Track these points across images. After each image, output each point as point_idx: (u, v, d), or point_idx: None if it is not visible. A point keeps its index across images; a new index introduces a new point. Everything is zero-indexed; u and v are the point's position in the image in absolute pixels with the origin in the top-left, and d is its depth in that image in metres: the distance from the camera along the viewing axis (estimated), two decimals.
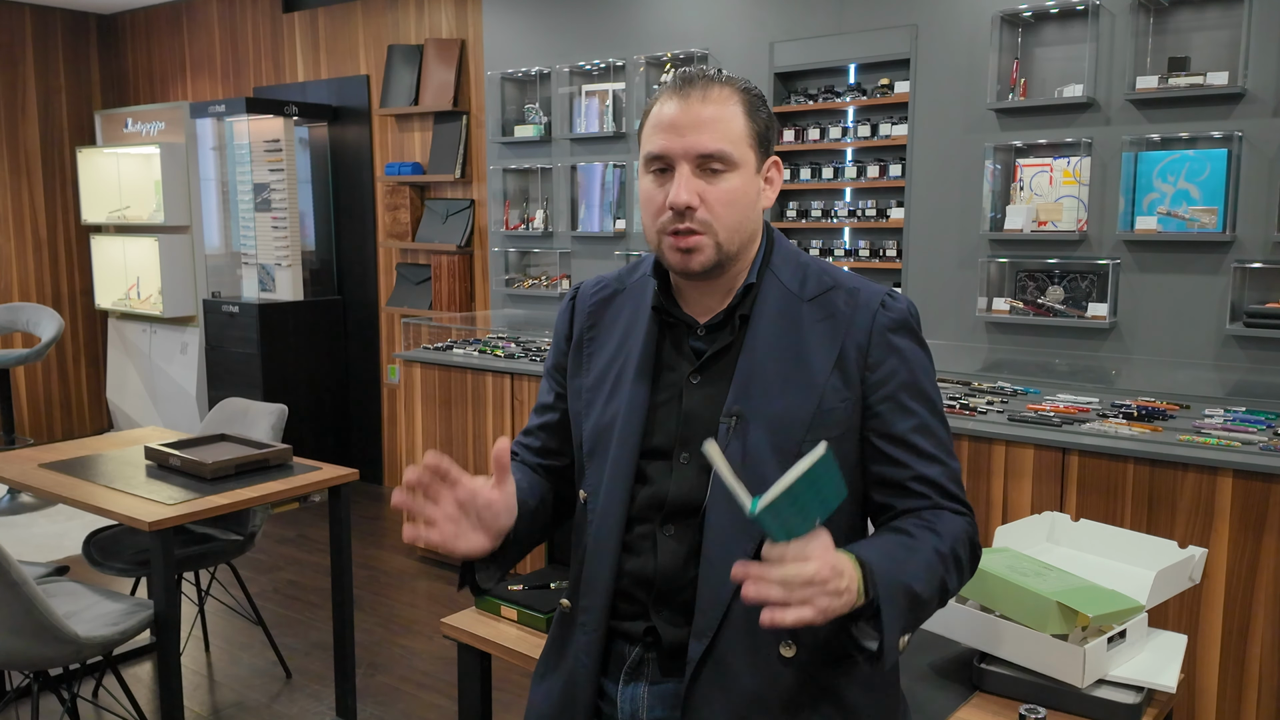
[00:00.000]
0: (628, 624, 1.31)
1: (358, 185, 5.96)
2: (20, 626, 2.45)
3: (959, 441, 3.01)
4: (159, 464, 3.16)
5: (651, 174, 1.27)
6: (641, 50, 4.53)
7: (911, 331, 1.29)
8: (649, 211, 1.28)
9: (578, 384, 1.39)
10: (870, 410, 1.27)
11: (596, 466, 1.32)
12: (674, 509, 1.28)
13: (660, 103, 1.27)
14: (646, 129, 1.28)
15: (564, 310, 1.46)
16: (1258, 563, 2.60)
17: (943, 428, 1.30)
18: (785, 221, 4.18)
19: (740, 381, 1.27)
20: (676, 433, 1.29)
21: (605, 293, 1.42)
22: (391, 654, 3.77)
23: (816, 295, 1.30)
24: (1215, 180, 3.21)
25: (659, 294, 1.34)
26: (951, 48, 3.70)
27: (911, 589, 1.16)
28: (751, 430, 1.24)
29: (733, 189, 1.24)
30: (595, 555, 1.31)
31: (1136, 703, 1.56)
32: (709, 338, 1.31)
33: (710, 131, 1.23)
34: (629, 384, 1.32)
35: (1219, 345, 3.27)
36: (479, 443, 4.38)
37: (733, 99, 1.26)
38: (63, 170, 7.15)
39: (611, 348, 1.37)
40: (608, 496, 1.30)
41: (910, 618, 1.18)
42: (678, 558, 1.27)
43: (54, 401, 7.22)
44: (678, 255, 1.26)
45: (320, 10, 6.00)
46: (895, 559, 1.17)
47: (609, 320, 1.40)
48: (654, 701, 1.30)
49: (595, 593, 1.30)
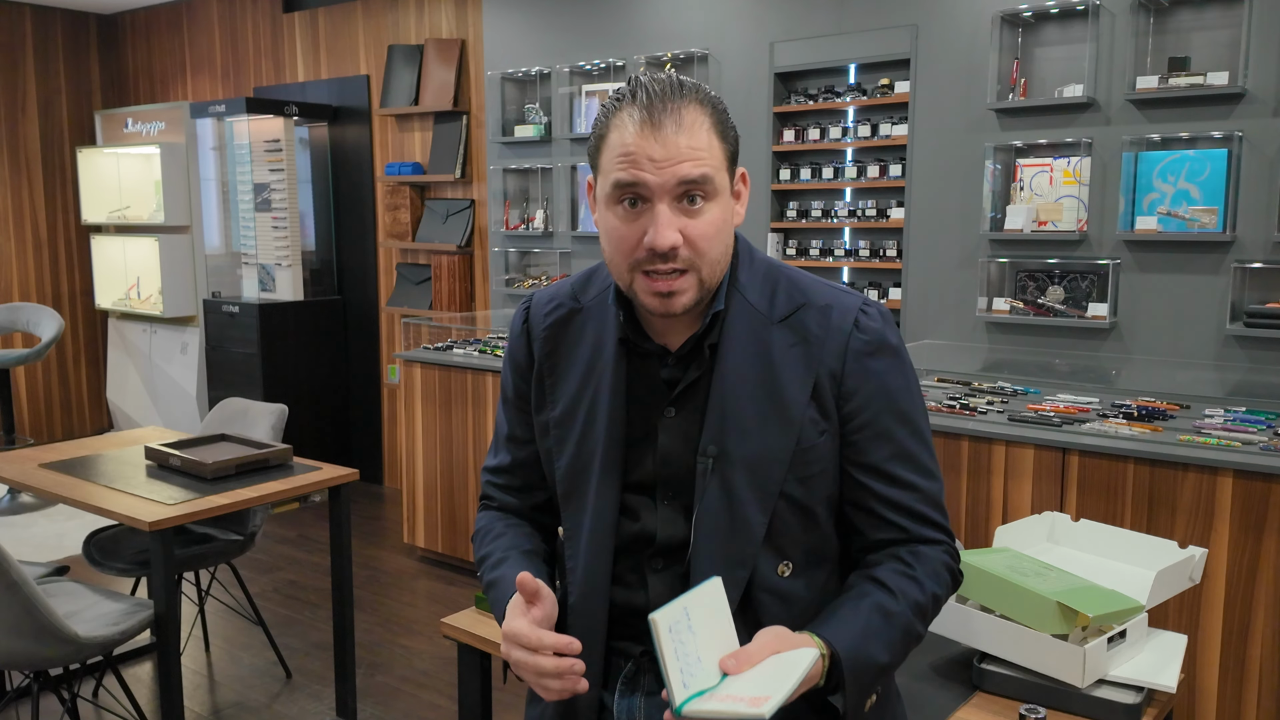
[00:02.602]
0: (624, 644, 1.29)
1: (358, 185, 5.96)
2: (20, 626, 2.45)
3: (959, 441, 3.01)
4: (159, 464, 3.16)
5: (620, 206, 1.15)
6: (641, 50, 4.53)
7: (888, 349, 1.22)
8: (619, 249, 1.16)
9: (544, 419, 1.31)
10: (846, 439, 1.23)
11: (576, 507, 1.27)
12: (661, 547, 1.25)
13: (622, 127, 1.14)
14: (608, 154, 1.15)
15: (517, 335, 1.35)
16: (1258, 563, 2.60)
17: (924, 447, 1.24)
18: (785, 221, 4.18)
19: (714, 418, 1.20)
20: (655, 472, 1.24)
21: (560, 313, 1.31)
22: (391, 654, 3.77)
23: (787, 315, 1.22)
24: (1215, 180, 3.21)
25: (624, 326, 1.25)
26: (951, 48, 3.70)
27: (880, 663, 1.17)
28: (729, 471, 1.20)
29: (713, 220, 1.16)
30: (587, 594, 1.26)
31: (1136, 703, 1.56)
32: (679, 367, 1.24)
33: (690, 159, 1.13)
34: (602, 420, 1.24)
35: (1219, 345, 3.26)
36: (479, 443, 4.38)
37: (704, 120, 1.15)
38: (63, 170, 7.15)
39: (576, 378, 1.28)
40: (592, 538, 1.25)
41: (877, 684, 1.19)
42: (669, 590, 1.23)
43: (54, 401, 7.22)
44: (656, 299, 1.16)
45: (320, 10, 6.00)
46: (870, 634, 1.16)
47: (569, 345, 1.30)
48: (651, 712, 1.28)
49: (590, 630, 1.26)
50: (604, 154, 1.17)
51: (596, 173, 1.20)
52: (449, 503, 4.53)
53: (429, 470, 4.59)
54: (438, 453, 4.55)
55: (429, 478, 4.60)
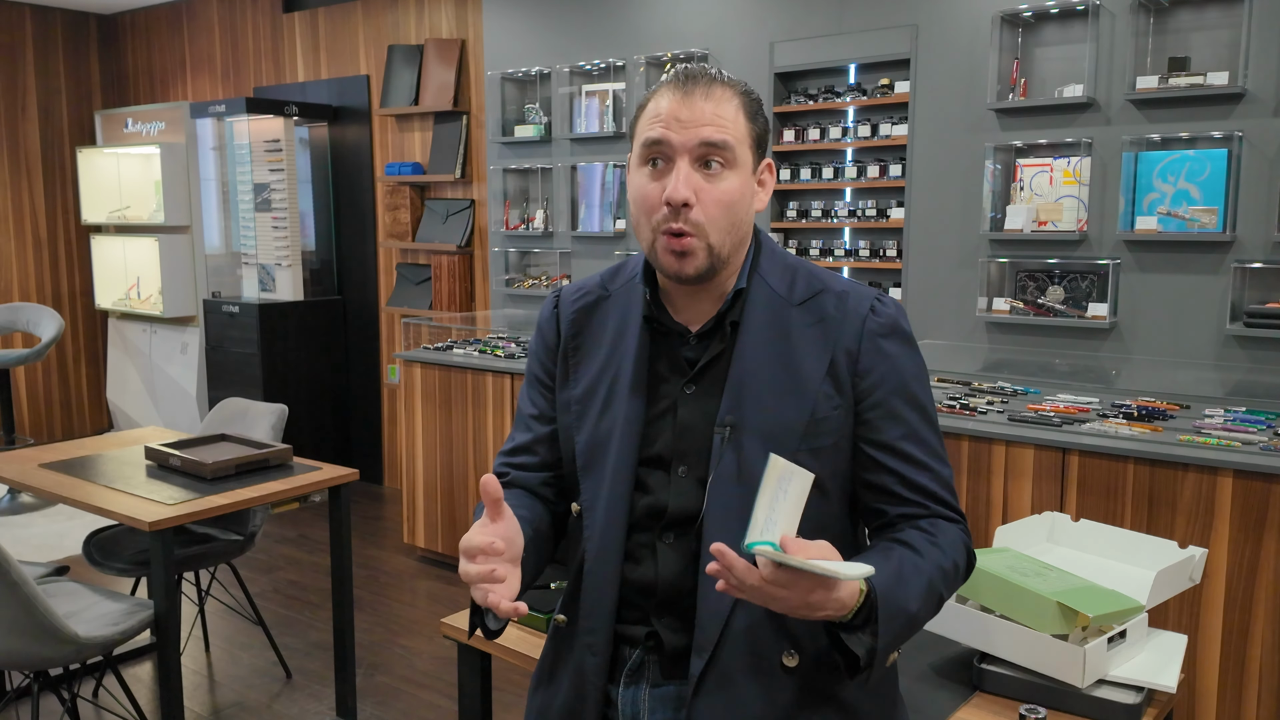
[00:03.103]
0: (630, 628, 1.30)
1: (358, 185, 5.96)
2: (20, 626, 2.45)
3: (959, 441, 3.01)
4: (159, 464, 3.16)
5: (647, 168, 1.24)
6: (641, 50, 4.53)
7: (903, 336, 1.28)
8: (643, 208, 1.25)
9: (565, 396, 1.36)
10: (860, 417, 1.26)
11: (593, 480, 1.30)
12: (673, 519, 1.27)
13: (659, 96, 1.25)
14: (643, 120, 1.25)
15: (547, 319, 1.41)
16: (1258, 563, 2.60)
17: (934, 434, 1.28)
18: (785, 221, 4.18)
19: (732, 391, 1.25)
20: (673, 445, 1.28)
21: (588, 300, 1.38)
22: (391, 654, 3.77)
23: (805, 299, 1.28)
24: (1215, 180, 3.21)
25: (649, 303, 1.31)
26: (951, 48, 3.70)
27: (910, 612, 1.16)
28: (745, 441, 1.23)
29: (729, 189, 1.22)
30: (597, 566, 1.29)
31: (1136, 703, 1.56)
32: (700, 346, 1.30)
33: (713, 125, 1.21)
34: (623, 396, 1.29)
35: (1219, 345, 3.27)
36: (479, 443, 4.38)
37: (734, 99, 1.24)
38: (63, 170, 7.15)
39: (600, 358, 1.34)
40: (608, 509, 1.28)
41: (903, 636, 1.18)
42: (678, 566, 1.26)
43: (54, 401, 7.22)
44: (672, 259, 1.23)
45: (320, 10, 6.00)
46: (902, 580, 1.16)
47: (594, 329, 1.36)
48: (655, 704, 1.30)
49: (599, 602, 1.29)
50: (640, 121, 1.26)
51: (633, 141, 1.28)
52: (449, 503, 4.54)
53: (429, 470, 4.59)
54: (438, 453, 4.55)
55: (429, 478, 4.60)
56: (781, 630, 1.23)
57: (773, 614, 1.21)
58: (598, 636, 1.29)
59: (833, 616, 1.11)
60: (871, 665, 1.13)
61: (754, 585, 1.06)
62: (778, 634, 1.23)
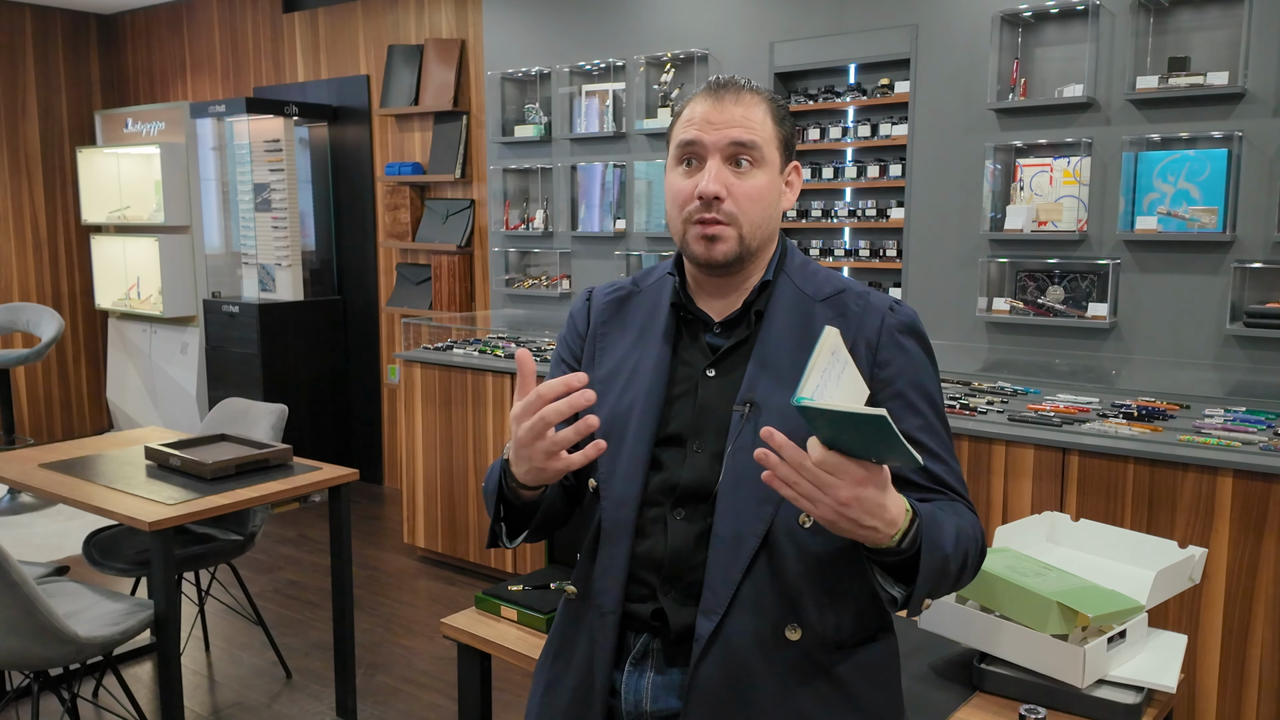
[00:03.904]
0: (637, 606, 1.32)
1: (358, 185, 5.96)
2: (20, 626, 2.45)
3: (959, 441, 3.01)
4: (159, 464, 3.17)
5: (681, 167, 1.32)
6: (641, 50, 4.53)
7: (919, 336, 1.33)
8: (676, 202, 1.33)
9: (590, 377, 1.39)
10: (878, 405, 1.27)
11: (610, 454, 1.33)
12: (686, 493, 1.30)
13: (693, 104, 1.34)
14: (679, 125, 1.34)
15: (579, 309, 1.50)
16: (1258, 563, 2.60)
17: (947, 433, 1.33)
18: (785, 221, 4.15)
19: (753, 373, 1.30)
20: (691, 423, 1.32)
21: (619, 294, 1.47)
22: (391, 654, 3.77)
23: (828, 296, 1.35)
24: (1215, 180, 3.21)
25: (678, 290, 1.38)
26: (951, 48, 3.70)
27: (945, 552, 1.19)
28: (764, 420, 1.26)
29: (758, 185, 1.30)
30: (610, 538, 1.33)
31: (1136, 703, 1.56)
32: (724, 334, 1.36)
33: (742, 126, 1.29)
34: (646, 376, 1.35)
35: (1219, 345, 3.26)
36: (479, 443, 4.38)
37: (762, 104, 1.32)
38: (63, 170, 7.15)
39: (626, 343, 1.41)
40: (623, 482, 1.32)
41: (936, 584, 1.20)
42: (688, 539, 1.29)
43: (54, 401, 7.22)
44: (702, 244, 1.30)
45: (320, 10, 6.00)
46: (936, 524, 1.19)
47: (623, 318, 1.44)
48: (658, 692, 1.31)
49: (611, 575, 1.32)
50: (675, 126, 1.35)
51: (669, 145, 1.36)
52: (449, 503, 4.54)
53: (429, 470, 4.59)
54: (438, 453, 4.55)
55: (429, 478, 4.60)
56: (787, 603, 1.26)
57: (779, 585, 1.24)
58: (609, 598, 1.32)
59: (880, 535, 1.12)
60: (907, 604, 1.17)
61: (804, 466, 1.08)
62: (783, 606, 1.26)
